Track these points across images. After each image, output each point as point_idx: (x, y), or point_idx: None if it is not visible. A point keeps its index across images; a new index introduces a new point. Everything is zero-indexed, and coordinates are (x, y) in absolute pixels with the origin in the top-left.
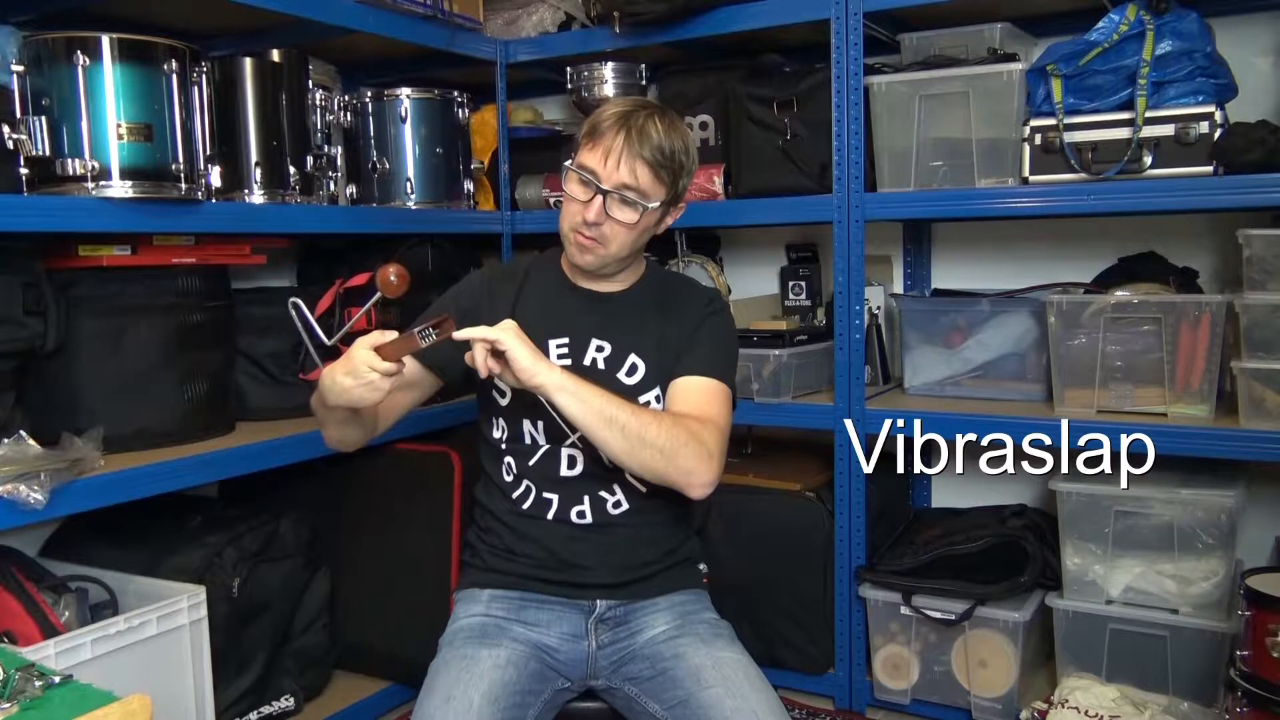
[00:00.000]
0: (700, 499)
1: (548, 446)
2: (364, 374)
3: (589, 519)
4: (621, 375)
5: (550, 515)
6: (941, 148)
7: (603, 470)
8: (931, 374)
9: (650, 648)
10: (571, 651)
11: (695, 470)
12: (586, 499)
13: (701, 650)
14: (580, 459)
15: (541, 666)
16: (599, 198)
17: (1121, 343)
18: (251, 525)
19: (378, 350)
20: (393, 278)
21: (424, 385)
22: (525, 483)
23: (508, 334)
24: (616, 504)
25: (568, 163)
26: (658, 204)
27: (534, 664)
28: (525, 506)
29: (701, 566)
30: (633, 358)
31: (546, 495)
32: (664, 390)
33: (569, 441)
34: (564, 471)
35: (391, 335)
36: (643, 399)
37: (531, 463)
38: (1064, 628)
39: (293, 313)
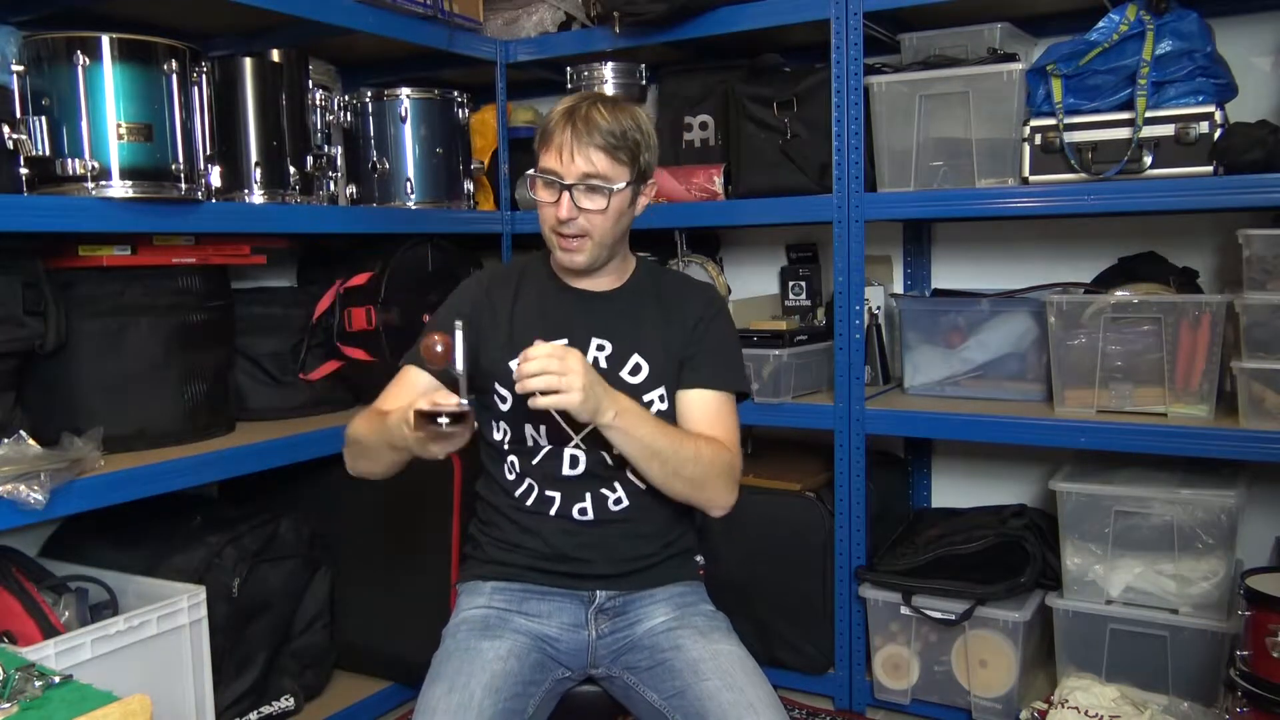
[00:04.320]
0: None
1: (550, 447)
2: (444, 432)
3: (590, 515)
4: (625, 374)
5: (552, 512)
6: (941, 148)
7: (604, 469)
8: (931, 374)
9: (649, 638)
10: (572, 641)
11: (717, 499)
12: (588, 496)
13: (700, 643)
14: (583, 459)
15: (543, 657)
16: (565, 194)
17: (1121, 343)
18: (251, 525)
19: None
20: (438, 347)
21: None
22: (528, 481)
23: (574, 396)
24: (617, 501)
25: (530, 171)
26: (624, 184)
27: (535, 655)
28: (528, 504)
29: (698, 559)
30: (636, 358)
31: (549, 493)
32: (668, 390)
33: (572, 443)
34: (566, 471)
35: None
36: (646, 398)
37: (534, 462)
38: (1064, 628)
39: (458, 334)
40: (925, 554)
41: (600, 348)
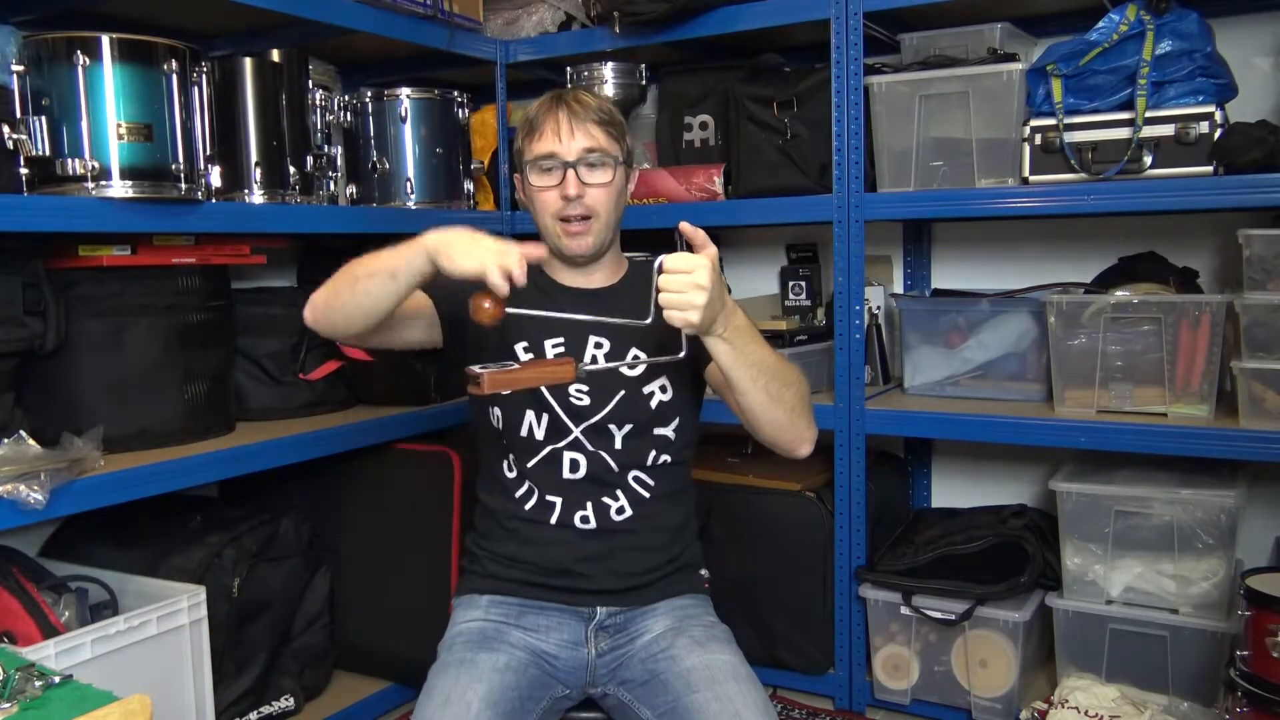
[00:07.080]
0: (804, 457)
1: (549, 448)
2: (511, 260)
3: (592, 524)
4: (623, 369)
5: (553, 520)
6: (941, 148)
7: (606, 474)
8: (931, 374)
9: (646, 651)
10: (571, 659)
11: (807, 432)
12: (590, 504)
13: (695, 653)
14: (583, 462)
15: (540, 673)
16: (569, 171)
17: (1121, 343)
18: (251, 525)
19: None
20: (487, 304)
21: (422, 321)
22: (528, 483)
23: (692, 316)
24: (620, 510)
25: (525, 159)
26: (621, 161)
27: (533, 670)
28: (528, 508)
29: (703, 572)
30: (634, 351)
31: (549, 498)
32: (669, 380)
33: (571, 439)
34: (566, 474)
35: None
36: (646, 390)
37: (532, 464)
38: (1064, 628)
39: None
40: (925, 554)
41: (599, 345)
